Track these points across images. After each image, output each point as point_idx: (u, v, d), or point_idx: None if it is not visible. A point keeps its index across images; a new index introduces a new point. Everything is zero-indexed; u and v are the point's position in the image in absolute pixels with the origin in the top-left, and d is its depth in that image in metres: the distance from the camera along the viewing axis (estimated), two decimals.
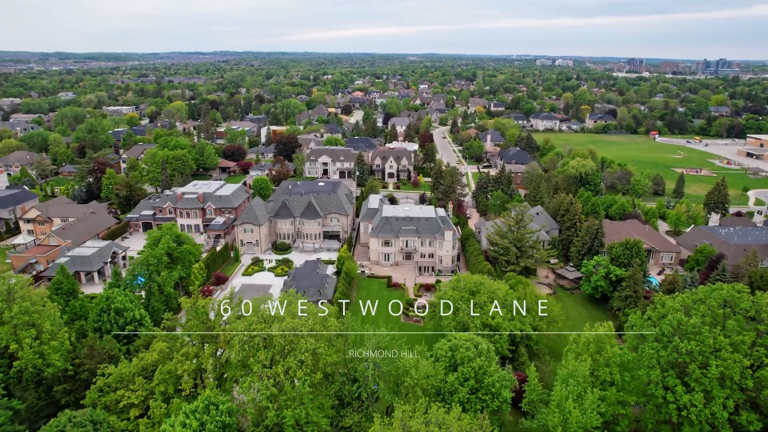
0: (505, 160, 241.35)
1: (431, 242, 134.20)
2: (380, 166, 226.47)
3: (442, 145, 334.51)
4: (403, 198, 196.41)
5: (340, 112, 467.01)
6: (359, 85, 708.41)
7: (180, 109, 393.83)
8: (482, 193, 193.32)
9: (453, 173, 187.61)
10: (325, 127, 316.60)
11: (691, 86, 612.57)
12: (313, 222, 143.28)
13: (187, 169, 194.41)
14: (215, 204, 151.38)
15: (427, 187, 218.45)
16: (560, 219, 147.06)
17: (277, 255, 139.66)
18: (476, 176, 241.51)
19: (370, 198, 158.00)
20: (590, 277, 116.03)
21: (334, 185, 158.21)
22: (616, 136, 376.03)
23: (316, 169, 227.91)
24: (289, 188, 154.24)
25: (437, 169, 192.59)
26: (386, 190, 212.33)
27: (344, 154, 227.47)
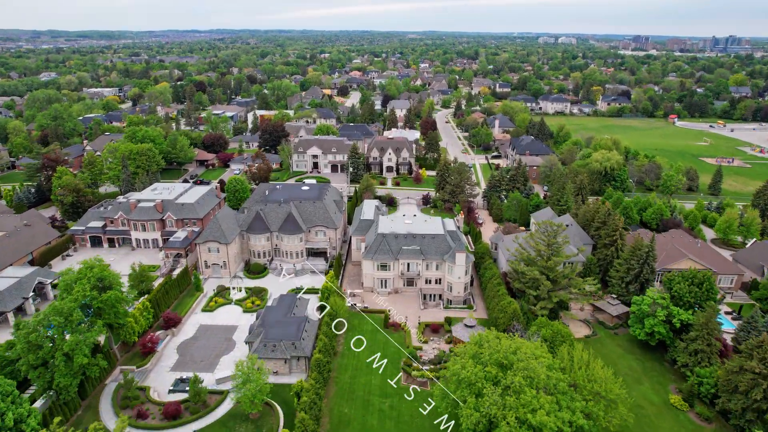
0: (518, 151, 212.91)
1: (439, 266, 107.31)
2: (377, 159, 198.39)
3: (446, 130, 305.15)
4: (403, 198, 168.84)
5: (336, 94, 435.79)
6: (357, 64, 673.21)
7: (164, 92, 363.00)
8: (495, 192, 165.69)
9: (461, 170, 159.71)
10: (317, 111, 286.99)
11: (704, 65, 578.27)
12: (293, 238, 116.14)
13: (154, 166, 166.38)
14: (177, 214, 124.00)
15: (431, 182, 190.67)
16: (594, 232, 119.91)
17: (250, 279, 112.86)
18: (485, 169, 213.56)
19: (364, 205, 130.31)
20: (643, 319, 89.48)
21: (321, 190, 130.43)
22: (632, 120, 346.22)
23: (305, 162, 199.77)
24: (266, 194, 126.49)
25: (443, 165, 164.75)
26: (384, 188, 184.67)
27: (337, 145, 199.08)
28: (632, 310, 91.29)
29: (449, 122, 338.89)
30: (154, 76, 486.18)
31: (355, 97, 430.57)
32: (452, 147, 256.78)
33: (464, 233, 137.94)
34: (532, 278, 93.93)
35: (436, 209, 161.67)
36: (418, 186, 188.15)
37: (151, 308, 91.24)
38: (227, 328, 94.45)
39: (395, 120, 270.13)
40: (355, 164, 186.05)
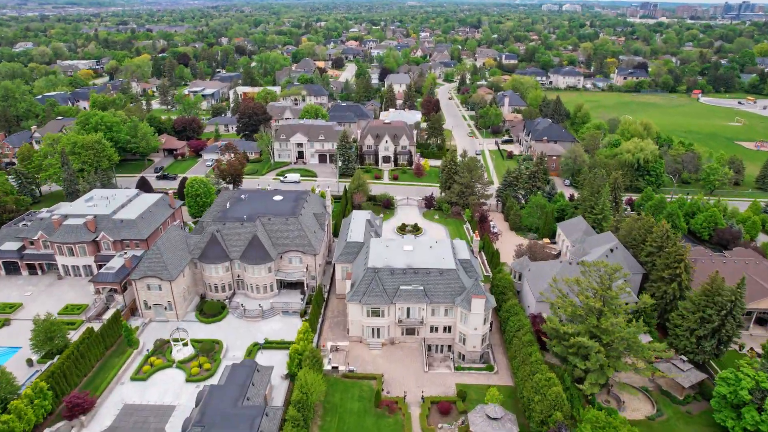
0: (534, 137, 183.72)
1: (448, 311, 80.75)
2: (372, 148, 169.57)
3: (449, 108, 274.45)
4: (402, 199, 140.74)
5: (331, 66, 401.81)
6: (354, 33, 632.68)
7: (142, 65, 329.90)
8: (511, 190, 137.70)
9: (472, 166, 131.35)
10: (307, 88, 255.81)
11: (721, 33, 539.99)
12: (260, 268, 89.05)
13: (105, 162, 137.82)
14: (114, 234, 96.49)
15: (434, 175, 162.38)
16: (646, 258, 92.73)
17: (203, 324, 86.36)
18: (495, 157, 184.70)
19: (353, 219, 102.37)
20: (739, 407, 63.24)
21: (296, 202, 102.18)
22: (652, 96, 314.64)
23: (288, 151, 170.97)
24: (227, 207, 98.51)
25: (449, 160, 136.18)
26: (380, 183, 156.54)
27: (325, 131, 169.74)
28: (719, 391, 64.97)
29: (452, 98, 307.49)
30: (136, 47, 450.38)
31: (351, 70, 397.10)
32: (457, 129, 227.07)
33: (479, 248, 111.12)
34: (578, 345, 67.20)
35: (442, 213, 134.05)
36: (419, 181, 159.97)
37: (49, 389, 64.91)
38: (161, 410, 68.15)
39: (393, 98, 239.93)
40: (346, 155, 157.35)
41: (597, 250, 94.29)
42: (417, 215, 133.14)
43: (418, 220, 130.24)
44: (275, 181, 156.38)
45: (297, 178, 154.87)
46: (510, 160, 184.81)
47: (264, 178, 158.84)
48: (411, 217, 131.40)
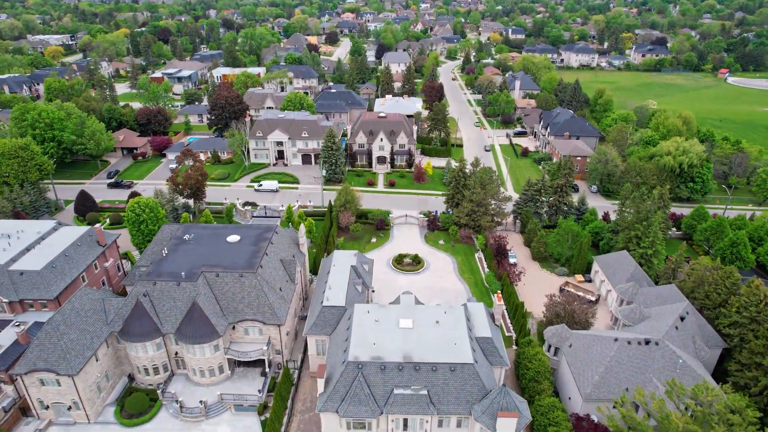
0: (553, 131, 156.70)
1: (462, 423, 56.52)
2: (365, 147, 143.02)
3: (453, 91, 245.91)
4: (399, 218, 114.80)
5: (324, 42, 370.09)
6: (351, 4, 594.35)
7: (116, 42, 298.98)
8: (532, 205, 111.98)
9: (486, 180, 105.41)
10: (294, 70, 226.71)
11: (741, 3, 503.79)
12: (203, 347, 64.34)
13: (34, 173, 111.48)
14: (9, 292, 71.16)
15: (437, 179, 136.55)
16: (728, 328, 68.03)
17: (125, 427, 62.19)
18: (507, 153, 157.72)
19: (333, 266, 76.56)
20: None
21: (258, 241, 76.19)
22: (674, 76, 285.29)
23: (266, 151, 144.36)
24: (163, 254, 72.84)
25: (458, 171, 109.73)
26: (373, 191, 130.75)
27: (309, 127, 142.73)
28: None
29: (456, 78, 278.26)
30: (116, 20, 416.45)
31: (346, 46, 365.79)
32: (463, 119, 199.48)
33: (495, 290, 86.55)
34: None
35: (447, 235, 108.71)
36: (420, 187, 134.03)
37: None
38: None
39: (390, 80, 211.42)
40: (332, 159, 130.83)
41: (660, 315, 69.44)
42: (417, 239, 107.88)
43: (419, 246, 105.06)
44: (249, 189, 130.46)
45: (275, 185, 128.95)
46: (525, 159, 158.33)
47: (236, 185, 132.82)
48: (410, 242, 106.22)
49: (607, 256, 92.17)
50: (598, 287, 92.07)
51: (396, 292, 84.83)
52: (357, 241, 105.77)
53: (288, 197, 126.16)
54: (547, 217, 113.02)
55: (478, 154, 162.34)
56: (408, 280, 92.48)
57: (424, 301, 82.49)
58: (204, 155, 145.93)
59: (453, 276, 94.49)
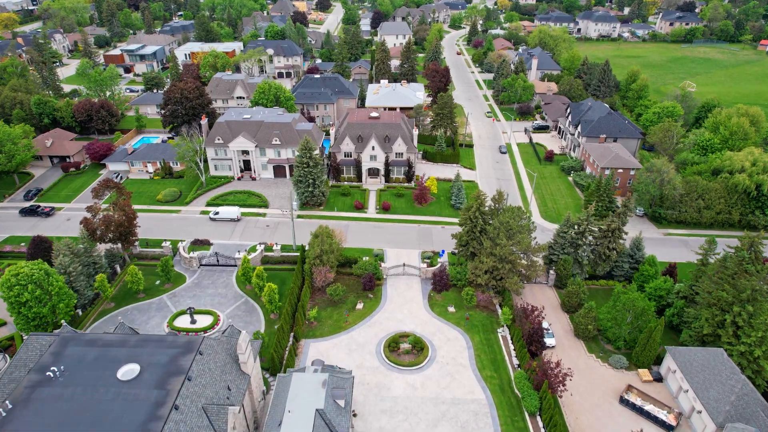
0: (585, 131, 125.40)
1: None
2: (352, 156, 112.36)
3: (458, 68, 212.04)
4: (395, 268, 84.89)
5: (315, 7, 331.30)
6: None
7: (77, 8, 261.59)
8: (571, 252, 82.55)
9: (513, 227, 75.52)
10: (275, 46, 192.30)
11: None
12: None
13: None
14: None
15: (444, 199, 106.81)
16: None
17: None
18: (528, 158, 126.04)
19: (291, 396, 48.60)
20: None
21: (168, 369, 46.46)
22: (708, 48, 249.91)
23: (228, 161, 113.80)
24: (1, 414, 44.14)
25: (474, 210, 79.46)
26: (362, 218, 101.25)
27: (282, 132, 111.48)
28: None
29: (462, 53, 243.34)
30: None
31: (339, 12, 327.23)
32: (472, 106, 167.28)
33: (531, 408, 58.86)
34: None
35: (458, 296, 79.91)
36: (423, 212, 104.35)
37: None
38: None
39: (387, 57, 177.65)
40: (307, 179, 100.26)
41: None
42: (419, 302, 79.17)
43: (421, 314, 76.45)
44: (204, 216, 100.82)
45: (235, 213, 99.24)
46: (550, 165, 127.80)
47: (189, 210, 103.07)
48: (409, 308, 77.55)
49: (691, 351, 63.84)
50: (675, 394, 64.21)
51: (388, 412, 57.19)
52: (336, 308, 77.13)
53: (252, 230, 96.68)
54: (590, 265, 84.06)
55: (493, 157, 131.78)
56: (405, 384, 64.36)
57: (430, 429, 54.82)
58: (153, 165, 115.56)
59: (469, 374, 66.23)
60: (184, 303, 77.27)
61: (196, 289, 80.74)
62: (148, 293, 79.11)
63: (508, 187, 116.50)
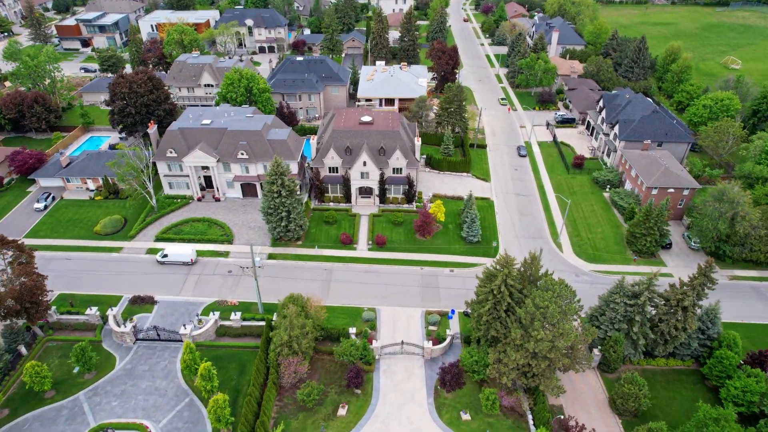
0: (623, 134, 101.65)
1: None
2: (339, 172, 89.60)
3: (465, 38, 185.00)
4: (391, 348, 64.10)
5: None
6: None
7: None
8: (624, 325, 61.66)
9: (554, 313, 54.29)
10: (254, 17, 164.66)
11: None
12: None
13: None
14: None
15: (452, 228, 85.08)
16: None
17: None
18: (552, 162, 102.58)
19: None
20: None
21: None
22: (747, 13, 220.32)
23: (185, 179, 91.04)
24: None
25: (501, 283, 58.16)
26: (348, 256, 79.79)
27: (250, 141, 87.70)
28: None
29: (469, 20, 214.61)
30: None
31: None
32: (482, 89, 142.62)
33: None
34: None
35: (475, 398, 59.53)
36: (426, 247, 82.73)
37: None
38: None
39: (385, 29, 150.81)
40: (280, 211, 77.85)
41: None
42: (422, 400, 58.81)
43: (425, 422, 56.35)
44: (151, 258, 79.30)
45: (188, 254, 77.54)
46: (579, 173, 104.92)
47: (132, 247, 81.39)
48: (408, 411, 57.33)
49: None
50: None
51: None
52: (311, 414, 56.85)
53: (209, 279, 75.47)
54: (647, 345, 63.24)
55: (510, 162, 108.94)
56: None
57: None
58: (94, 182, 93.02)
59: None
60: (107, 407, 57.08)
61: (127, 380, 60.34)
62: (60, 388, 58.82)
63: (530, 208, 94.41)
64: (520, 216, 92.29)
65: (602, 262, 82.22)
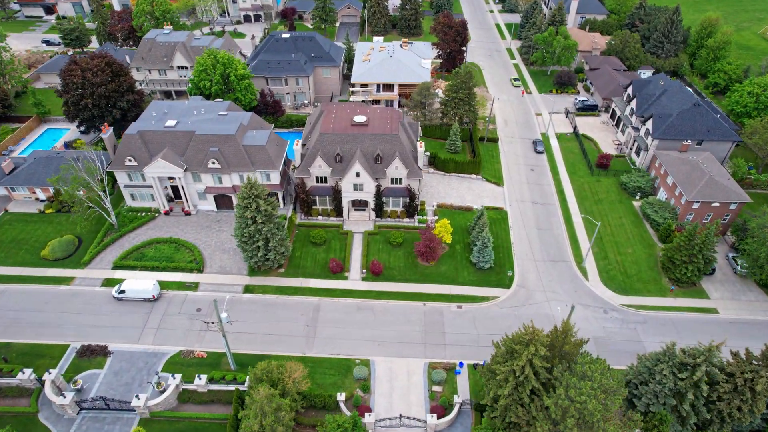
0: (657, 131, 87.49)
1: None
2: (327, 182, 76.33)
3: (471, 5, 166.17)
4: (388, 422, 53.82)
5: None
6: None
7: None
8: (669, 397, 50.39)
9: (593, 393, 42.78)
10: None
11: None
12: None
13: None
14: None
15: (461, 249, 72.66)
16: None
17: None
18: (573, 159, 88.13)
19: None
20: None
21: None
22: None
23: (147, 190, 77.75)
24: None
25: (526, 363, 46.21)
26: (339, 288, 67.71)
27: (221, 148, 73.94)
28: None
29: None
30: None
31: None
32: (492, 66, 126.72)
33: None
34: None
35: None
36: (431, 276, 70.49)
37: None
38: None
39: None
40: (255, 239, 64.96)
41: None
42: None
43: None
44: (106, 292, 67.16)
45: (150, 290, 65.23)
46: (605, 175, 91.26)
47: (86, 277, 69.01)
48: None
49: None
50: None
51: None
52: None
53: (175, 321, 63.67)
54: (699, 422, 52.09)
55: (526, 161, 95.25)
56: None
57: None
58: (45, 192, 79.84)
59: None
60: None
61: None
62: None
63: (549, 221, 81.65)
64: (538, 232, 79.59)
65: (634, 292, 70.22)
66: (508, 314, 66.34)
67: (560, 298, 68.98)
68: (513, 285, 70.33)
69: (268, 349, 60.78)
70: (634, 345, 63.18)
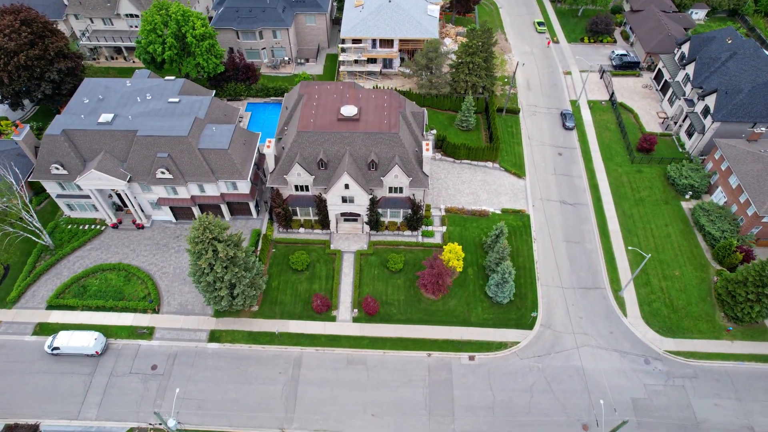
0: (720, 114, 69.50)
1: None
2: (309, 191, 60.35)
3: None
4: None
5: None
6: None
7: None
8: None
9: None
10: None
11: None
12: None
13: None
14: None
15: (472, 281, 58.84)
16: None
17: None
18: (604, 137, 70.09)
19: None
20: None
21: None
22: None
23: (90, 201, 61.94)
24: None
25: None
26: (326, 334, 54.78)
27: (172, 153, 57.29)
28: None
29: None
30: None
31: None
32: (514, 5, 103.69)
33: None
34: None
35: None
36: (435, 313, 57.23)
37: None
38: None
39: None
40: (218, 285, 50.50)
41: None
42: None
43: None
44: (38, 343, 54.13)
45: (92, 345, 52.15)
46: (646, 165, 74.50)
47: (12, 322, 55.40)
48: None
49: None
50: None
51: None
52: None
53: (125, 384, 51.34)
54: None
55: (552, 141, 78.26)
56: None
57: None
58: None
59: None
60: None
61: None
62: None
63: (580, 230, 66.70)
64: (566, 246, 64.98)
65: (682, 333, 57.33)
66: (531, 368, 53.98)
67: (593, 342, 56.26)
68: (536, 325, 57.30)
69: (237, 422, 49.15)
70: (682, 411, 51.47)
